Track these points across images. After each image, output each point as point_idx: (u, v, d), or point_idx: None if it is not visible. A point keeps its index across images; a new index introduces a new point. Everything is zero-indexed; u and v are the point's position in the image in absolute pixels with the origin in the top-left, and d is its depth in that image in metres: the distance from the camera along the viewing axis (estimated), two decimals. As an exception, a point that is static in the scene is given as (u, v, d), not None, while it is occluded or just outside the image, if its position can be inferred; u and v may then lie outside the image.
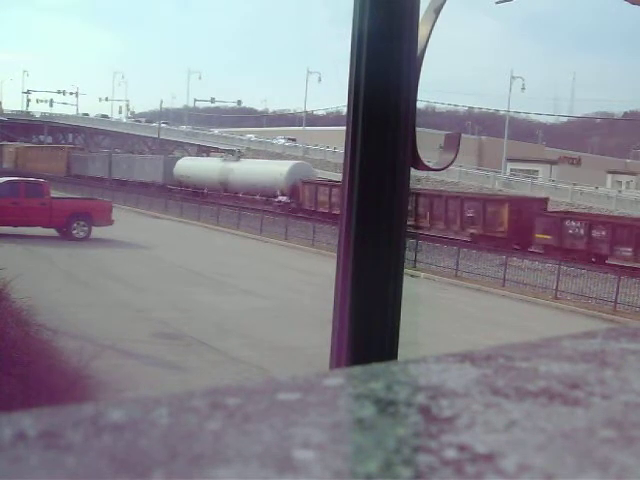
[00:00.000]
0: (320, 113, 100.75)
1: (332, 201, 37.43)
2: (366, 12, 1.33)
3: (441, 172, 1.82)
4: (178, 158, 57.02)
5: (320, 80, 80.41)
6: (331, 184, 38.85)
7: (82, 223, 27.49)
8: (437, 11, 1.52)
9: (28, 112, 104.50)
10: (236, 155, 52.56)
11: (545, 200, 32.62)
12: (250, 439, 0.51)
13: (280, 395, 0.60)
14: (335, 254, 1.41)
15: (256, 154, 58.03)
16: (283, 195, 41.62)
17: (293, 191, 41.54)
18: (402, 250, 1.37)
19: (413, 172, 1.40)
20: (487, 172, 51.61)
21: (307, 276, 21.44)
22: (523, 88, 66.79)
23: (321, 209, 38.23)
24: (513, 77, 65.37)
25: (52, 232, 27.02)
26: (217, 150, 65.30)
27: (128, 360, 11.81)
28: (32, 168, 73.92)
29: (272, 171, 43.62)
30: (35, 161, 77.17)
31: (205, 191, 48.98)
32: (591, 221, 27.71)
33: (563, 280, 21.79)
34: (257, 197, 43.83)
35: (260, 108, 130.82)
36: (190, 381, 10.62)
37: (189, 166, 52.15)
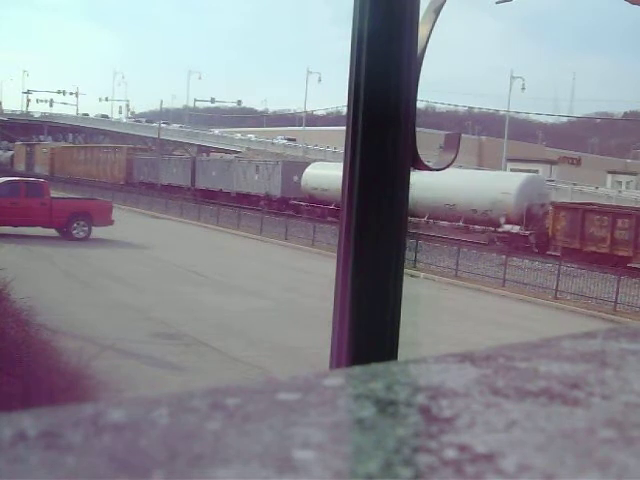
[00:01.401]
0: (320, 113, 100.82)
1: (615, 237, 25.34)
2: (366, 12, 1.33)
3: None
4: (300, 163, 42.21)
5: (320, 80, 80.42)
6: (614, 211, 27.02)
7: (82, 223, 27.50)
8: (437, 11, 1.52)
9: (28, 112, 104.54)
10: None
11: None
12: (250, 439, 0.51)
13: (280, 395, 0.60)
14: (335, 254, 1.41)
15: (256, 154, 57.43)
16: (511, 223, 28.13)
17: (529, 218, 28.22)
18: (402, 250, 1.37)
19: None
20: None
21: (307, 276, 21.44)
22: (523, 88, 66.89)
23: (592, 248, 25.91)
24: (513, 77, 65.43)
25: (52, 232, 27.02)
26: (218, 150, 64.65)
27: (128, 360, 11.81)
28: (75, 172, 63.43)
29: (490, 188, 29.30)
30: (79, 164, 65.41)
31: None
32: None
33: (563, 280, 21.79)
34: (459, 224, 30.54)
35: (260, 108, 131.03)
36: (190, 381, 10.62)
37: (327, 176, 35.63)
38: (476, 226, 30.08)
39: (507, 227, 28.03)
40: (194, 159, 52.08)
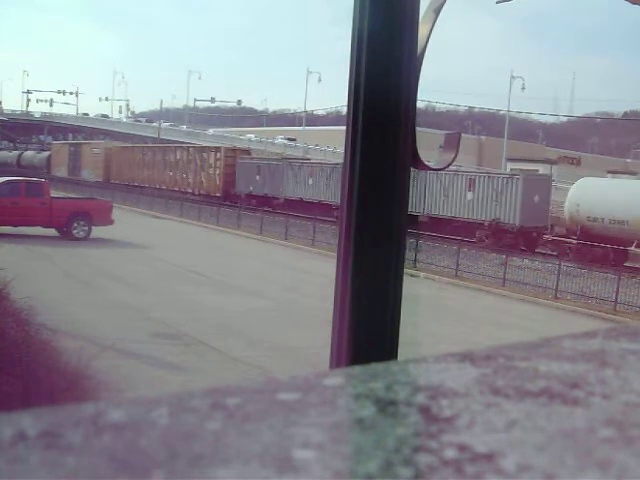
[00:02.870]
0: (320, 113, 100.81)
1: None
2: (366, 12, 1.33)
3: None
4: (543, 178, 30.83)
5: (320, 80, 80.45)
6: None
7: (82, 223, 27.51)
8: (437, 11, 1.52)
9: (28, 112, 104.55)
10: None
11: None
12: (250, 439, 0.51)
13: (280, 395, 0.60)
14: (335, 254, 1.41)
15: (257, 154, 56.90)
16: None
17: None
18: (402, 250, 1.37)
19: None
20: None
21: (307, 276, 21.44)
22: (523, 88, 66.97)
23: None
24: (513, 77, 65.51)
25: (52, 232, 27.02)
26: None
27: (128, 360, 11.81)
28: (141, 179, 51.59)
29: None
30: (148, 169, 52.14)
31: None
32: None
33: (563, 280, 21.79)
34: None
35: (260, 108, 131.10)
36: (190, 381, 10.62)
37: (624, 200, 24.58)
38: None
39: None
40: None
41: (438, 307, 17.06)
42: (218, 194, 43.55)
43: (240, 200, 41.05)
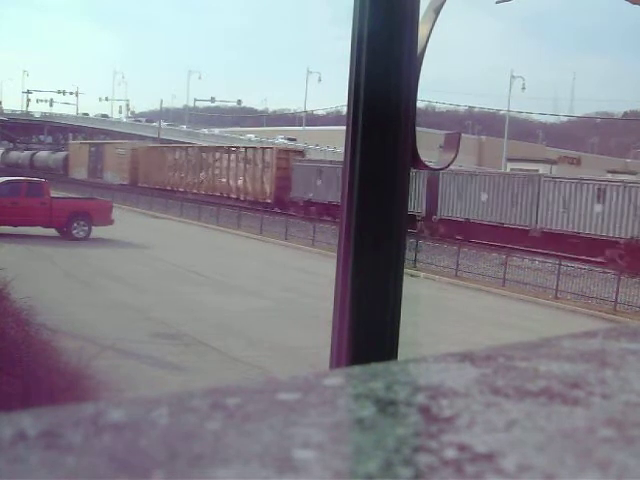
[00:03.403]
0: (320, 113, 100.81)
1: None
2: (366, 12, 1.33)
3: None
4: None
5: (320, 80, 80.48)
6: None
7: (82, 223, 27.51)
8: (437, 11, 1.52)
9: (28, 112, 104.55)
10: None
11: None
12: (250, 439, 0.51)
13: (280, 395, 0.60)
14: (335, 254, 1.41)
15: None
16: None
17: None
18: (402, 250, 1.37)
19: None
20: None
21: (307, 276, 21.43)
22: (523, 88, 67.04)
23: None
24: (513, 77, 65.56)
25: (52, 232, 27.02)
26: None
27: (128, 360, 11.81)
28: (173, 183, 47.14)
29: None
30: (182, 171, 47.12)
31: None
32: None
33: (563, 280, 21.78)
34: None
35: (260, 108, 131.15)
36: (190, 381, 10.62)
37: None
38: None
39: None
40: (540, 179, 29.11)
41: (438, 307, 17.06)
42: (268, 200, 39.27)
43: (297, 207, 36.97)
